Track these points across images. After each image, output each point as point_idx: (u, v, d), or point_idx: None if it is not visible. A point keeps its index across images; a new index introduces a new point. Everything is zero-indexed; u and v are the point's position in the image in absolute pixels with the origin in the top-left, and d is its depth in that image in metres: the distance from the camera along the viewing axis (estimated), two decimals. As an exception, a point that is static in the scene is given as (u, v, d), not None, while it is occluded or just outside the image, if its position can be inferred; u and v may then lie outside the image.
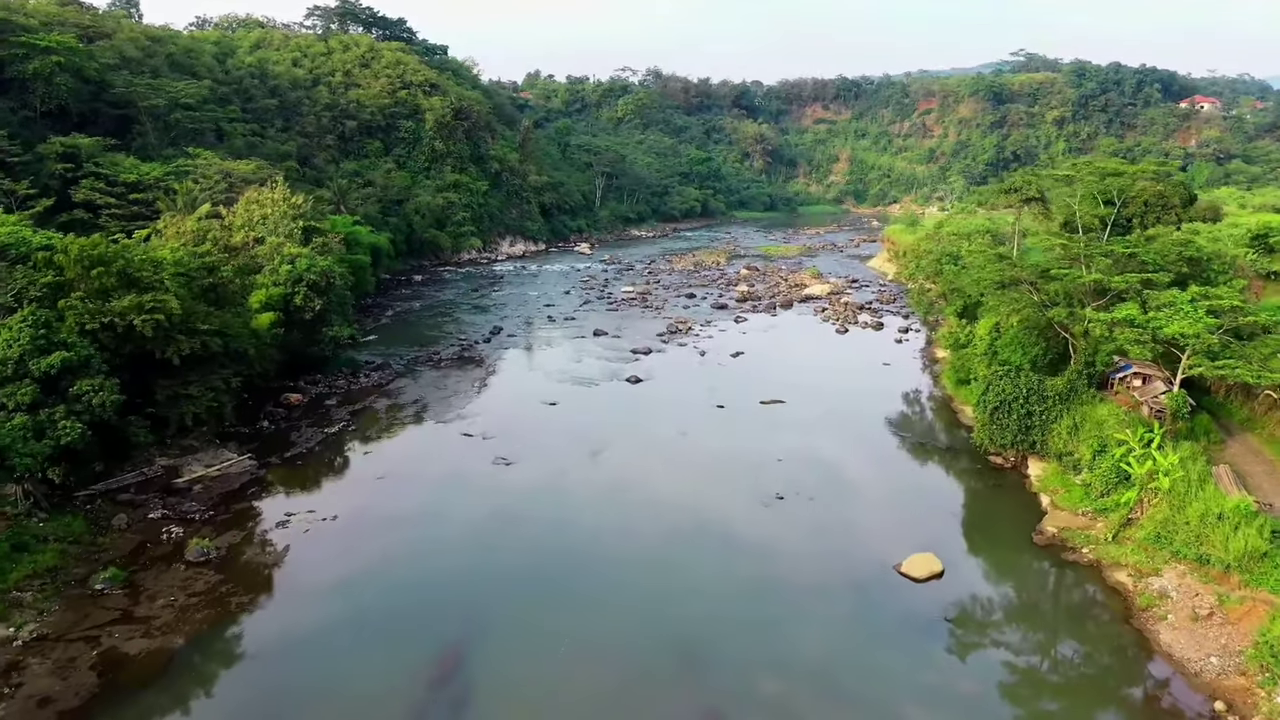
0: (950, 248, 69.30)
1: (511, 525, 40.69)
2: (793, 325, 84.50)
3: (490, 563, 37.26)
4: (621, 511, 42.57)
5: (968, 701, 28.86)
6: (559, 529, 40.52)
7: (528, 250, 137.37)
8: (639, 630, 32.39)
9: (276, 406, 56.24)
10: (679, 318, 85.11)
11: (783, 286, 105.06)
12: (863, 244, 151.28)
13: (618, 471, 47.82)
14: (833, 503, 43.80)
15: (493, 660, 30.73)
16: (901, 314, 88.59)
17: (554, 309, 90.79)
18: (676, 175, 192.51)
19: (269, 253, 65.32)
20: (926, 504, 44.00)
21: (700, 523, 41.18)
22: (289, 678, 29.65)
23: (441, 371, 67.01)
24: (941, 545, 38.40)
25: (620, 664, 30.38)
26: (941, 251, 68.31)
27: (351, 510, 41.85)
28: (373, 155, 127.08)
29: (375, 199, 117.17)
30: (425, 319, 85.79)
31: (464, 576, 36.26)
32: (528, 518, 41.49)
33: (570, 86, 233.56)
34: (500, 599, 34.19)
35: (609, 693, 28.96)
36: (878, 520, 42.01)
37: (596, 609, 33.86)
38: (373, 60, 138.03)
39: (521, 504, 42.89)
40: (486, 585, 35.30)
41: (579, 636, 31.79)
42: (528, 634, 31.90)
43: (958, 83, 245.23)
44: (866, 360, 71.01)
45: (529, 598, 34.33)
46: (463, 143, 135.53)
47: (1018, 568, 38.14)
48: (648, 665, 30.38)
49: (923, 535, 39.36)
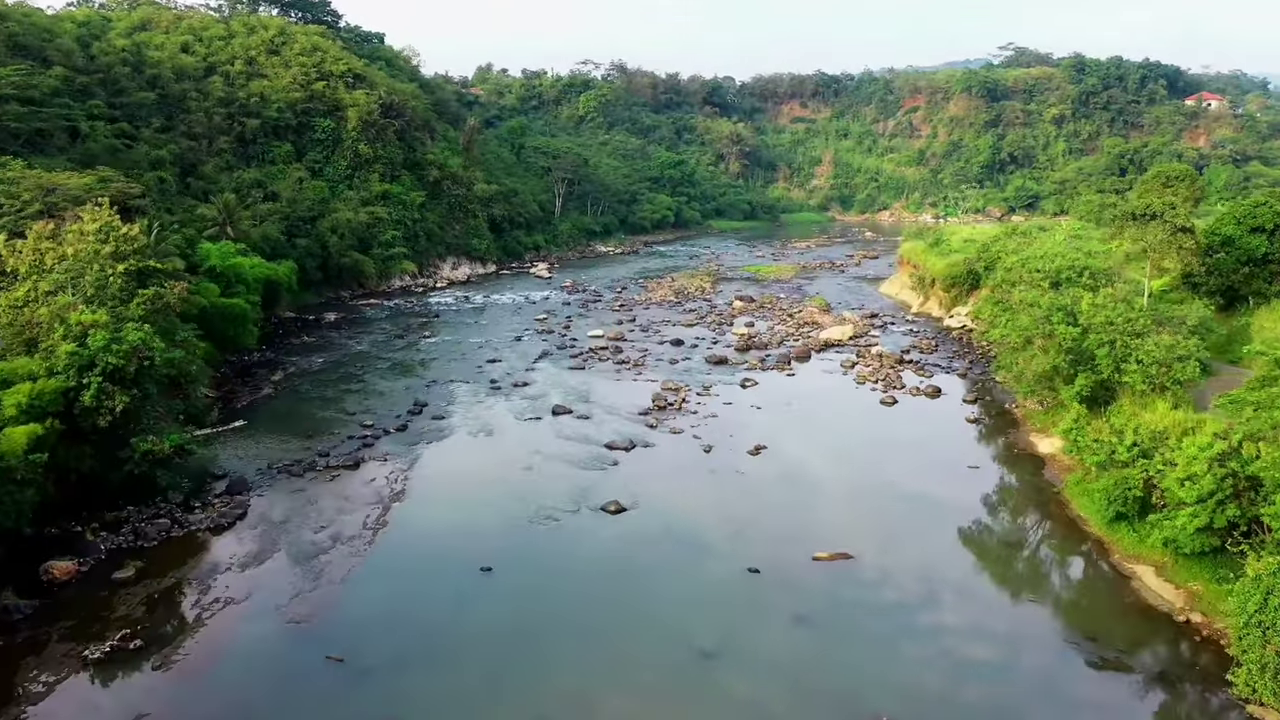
0: (1060, 299, 48.49)
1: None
2: (819, 391, 63.39)
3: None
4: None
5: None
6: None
7: (474, 274, 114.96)
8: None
9: (19, 597, 33.67)
10: (666, 382, 63.54)
11: (789, 324, 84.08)
12: (864, 261, 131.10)
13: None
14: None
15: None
16: (955, 369, 68.00)
17: (500, 365, 68.79)
18: (646, 181, 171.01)
19: (49, 319, 42.71)
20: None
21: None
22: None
23: (323, 490, 44.84)
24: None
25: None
26: (1052, 304, 47.49)
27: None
28: (280, 161, 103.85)
29: (280, 216, 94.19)
30: (325, 386, 63.33)
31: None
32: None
33: (526, 81, 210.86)
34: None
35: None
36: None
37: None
38: (283, 46, 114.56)
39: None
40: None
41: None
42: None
43: (946, 78, 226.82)
44: (940, 458, 49.99)
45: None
46: (394, 145, 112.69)
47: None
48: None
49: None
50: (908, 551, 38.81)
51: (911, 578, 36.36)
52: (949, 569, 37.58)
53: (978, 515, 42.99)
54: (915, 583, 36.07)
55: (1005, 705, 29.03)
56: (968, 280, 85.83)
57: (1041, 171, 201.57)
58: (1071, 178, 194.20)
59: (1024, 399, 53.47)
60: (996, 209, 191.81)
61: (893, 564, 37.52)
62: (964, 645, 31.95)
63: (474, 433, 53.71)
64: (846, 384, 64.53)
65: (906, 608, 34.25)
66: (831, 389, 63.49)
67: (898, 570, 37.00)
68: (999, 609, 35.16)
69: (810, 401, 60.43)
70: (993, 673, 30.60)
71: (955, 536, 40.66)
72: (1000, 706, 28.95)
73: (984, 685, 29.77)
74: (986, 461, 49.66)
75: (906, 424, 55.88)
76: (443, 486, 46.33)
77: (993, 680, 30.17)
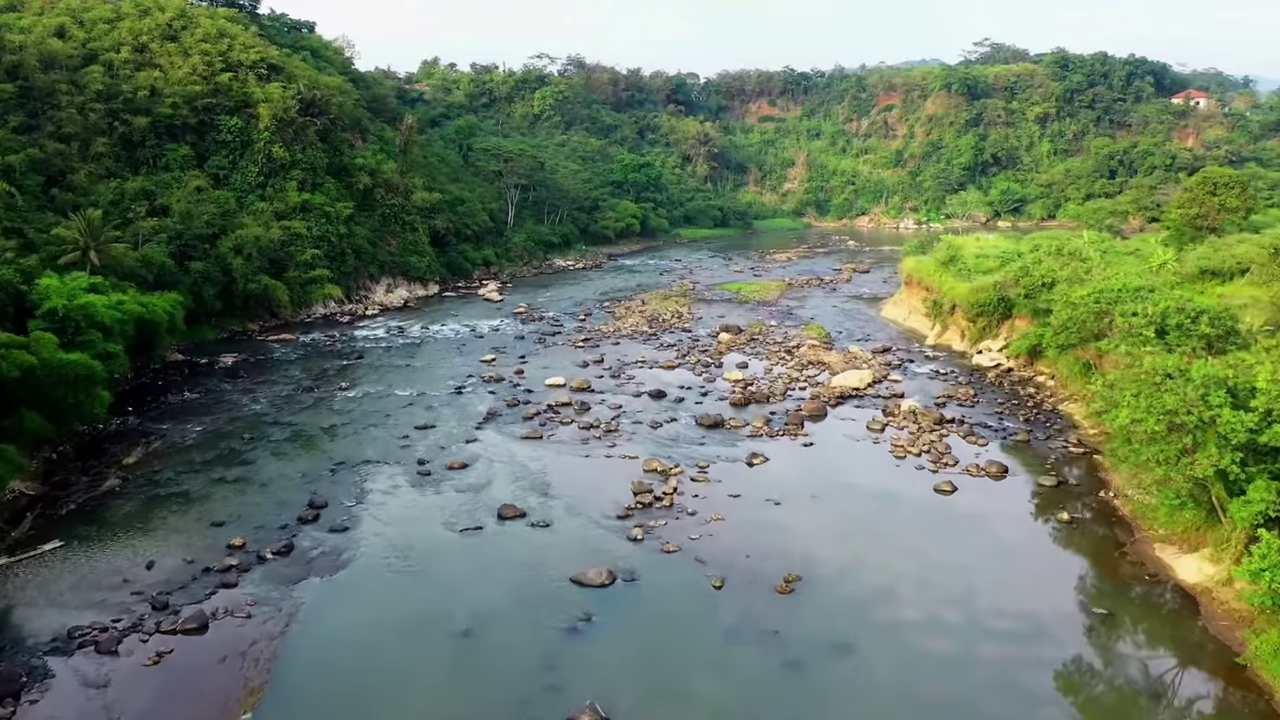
0: (1213, 368, 34.26)
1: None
2: (848, 470, 48.65)
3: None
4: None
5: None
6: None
7: (412, 297, 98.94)
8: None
9: None
10: (650, 461, 48.43)
11: (790, 364, 69.65)
12: (855, 276, 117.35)
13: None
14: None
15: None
16: (1010, 431, 53.93)
17: (433, 434, 53.23)
18: (608, 185, 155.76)
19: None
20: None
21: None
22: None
23: (139, 685, 29.07)
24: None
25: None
26: (1208, 378, 33.25)
27: None
28: (176, 167, 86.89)
29: (170, 234, 77.56)
30: (193, 472, 47.23)
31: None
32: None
33: (475, 77, 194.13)
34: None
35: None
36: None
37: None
38: (183, 31, 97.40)
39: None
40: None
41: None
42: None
43: (923, 75, 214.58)
44: (1051, 596, 35.20)
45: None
46: (316, 148, 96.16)
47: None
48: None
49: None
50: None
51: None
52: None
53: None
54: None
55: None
56: (999, 309, 72.20)
57: (1026, 174, 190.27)
58: (1059, 180, 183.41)
59: (1158, 511, 39.09)
60: (982, 214, 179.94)
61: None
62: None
63: (387, 558, 38.07)
64: (881, 457, 50.01)
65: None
66: (864, 467, 48.88)
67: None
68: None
69: (842, 491, 45.73)
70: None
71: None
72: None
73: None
74: (1114, 598, 35.24)
75: (979, 529, 41.39)
76: (329, 675, 30.65)
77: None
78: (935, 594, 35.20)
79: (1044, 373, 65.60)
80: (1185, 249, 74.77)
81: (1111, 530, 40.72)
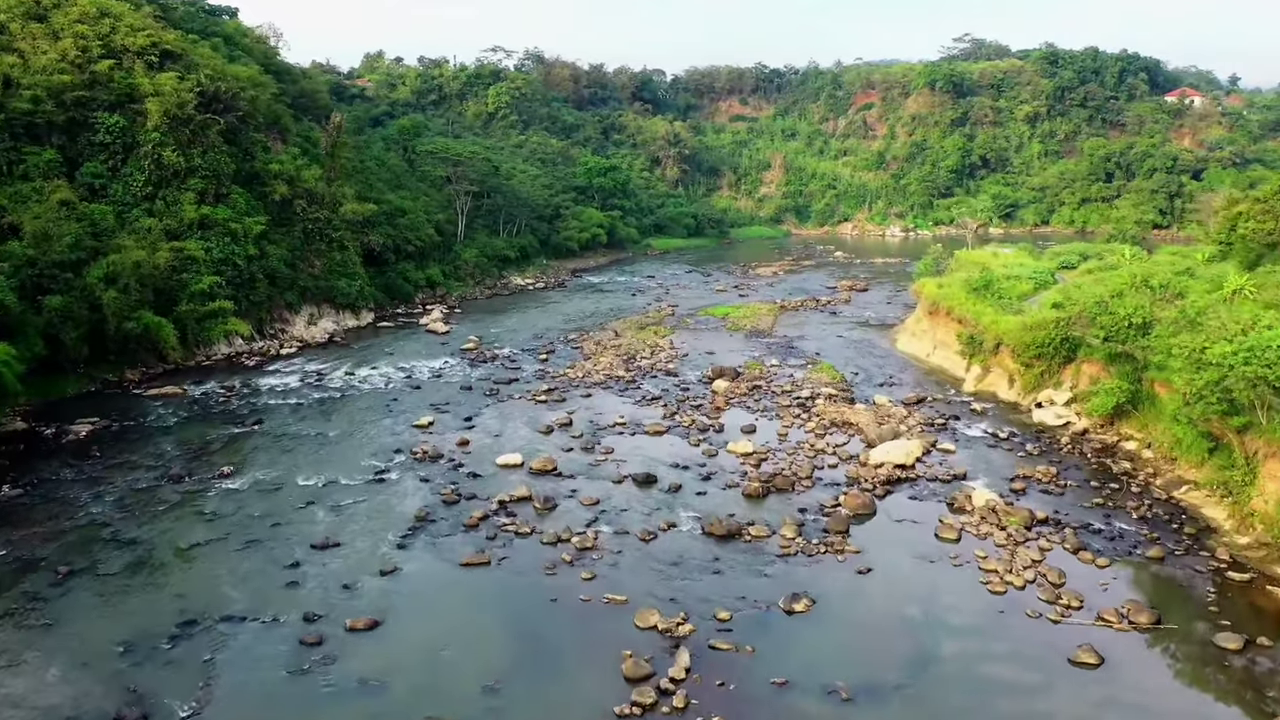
0: None
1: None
2: (930, 621, 33.90)
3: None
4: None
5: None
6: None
7: (340, 328, 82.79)
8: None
9: None
10: (645, 612, 33.24)
11: (809, 423, 55.05)
12: (853, 295, 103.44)
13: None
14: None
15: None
16: (1130, 538, 39.77)
17: (335, 560, 37.56)
18: (571, 191, 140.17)
19: None
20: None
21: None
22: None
23: None
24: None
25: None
26: None
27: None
28: (38, 176, 69.74)
29: (18, 261, 60.83)
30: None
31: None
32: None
33: (423, 71, 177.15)
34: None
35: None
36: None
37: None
38: (54, 10, 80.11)
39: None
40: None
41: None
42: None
43: (904, 71, 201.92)
44: None
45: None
46: (220, 152, 79.40)
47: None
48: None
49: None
50: None
51: None
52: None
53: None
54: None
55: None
56: (1061, 350, 58.37)
57: (1017, 176, 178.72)
58: (1052, 184, 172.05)
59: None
60: (974, 221, 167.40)
61: None
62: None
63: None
64: (971, 591, 35.38)
65: None
66: (953, 614, 34.08)
67: None
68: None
69: (936, 669, 30.86)
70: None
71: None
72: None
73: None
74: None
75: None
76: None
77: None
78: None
79: (1133, 436, 51.76)
80: (1261, 271, 61.61)
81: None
